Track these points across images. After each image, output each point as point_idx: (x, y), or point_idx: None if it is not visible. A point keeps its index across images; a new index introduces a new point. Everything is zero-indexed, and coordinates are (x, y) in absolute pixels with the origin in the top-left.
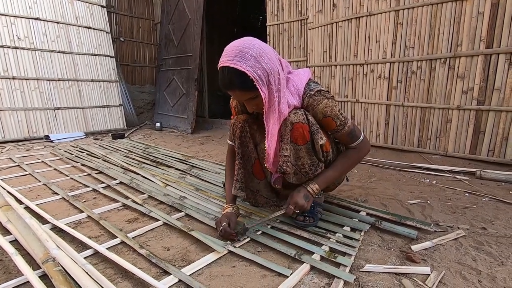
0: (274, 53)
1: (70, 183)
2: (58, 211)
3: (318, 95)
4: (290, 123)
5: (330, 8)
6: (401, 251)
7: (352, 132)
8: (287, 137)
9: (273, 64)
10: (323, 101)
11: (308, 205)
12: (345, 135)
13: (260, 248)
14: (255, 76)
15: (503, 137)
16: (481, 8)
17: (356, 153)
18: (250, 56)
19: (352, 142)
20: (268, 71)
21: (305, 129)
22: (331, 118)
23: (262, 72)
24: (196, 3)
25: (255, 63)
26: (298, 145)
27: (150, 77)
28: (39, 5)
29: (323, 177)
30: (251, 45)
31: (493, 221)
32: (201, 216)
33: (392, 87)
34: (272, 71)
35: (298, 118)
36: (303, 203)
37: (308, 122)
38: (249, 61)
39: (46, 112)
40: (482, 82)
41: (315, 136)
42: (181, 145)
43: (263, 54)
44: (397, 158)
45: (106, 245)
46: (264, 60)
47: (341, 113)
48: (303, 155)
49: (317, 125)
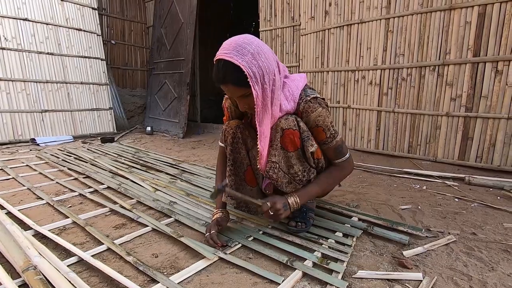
0: (272, 54)
1: (56, 187)
2: (41, 217)
3: (314, 102)
4: (281, 129)
5: (322, 15)
6: (393, 257)
7: (339, 147)
8: (277, 143)
9: (270, 64)
10: (318, 109)
11: (282, 215)
12: (332, 149)
13: (252, 254)
14: (250, 72)
15: (490, 144)
16: (468, 17)
17: (339, 172)
18: (248, 51)
19: (337, 158)
20: (263, 70)
21: (296, 135)
22: (322, 129)
23: (258, 69)
24: (189, 7)
25: (251, 59)
26: (288, 151)
27: (141, 80)
28: (28, 6)
29: (305, 192)
30: (250, 42)
31: (482, 226)
32: (191, 222)
33: (383, 93)
34: (268, 71)
35: (289, 125)
36: (280, 207)
37: (299, 128)
38: (246, 56)
39: (32, 114)
40: (470, 89)
41: (305, 143)
42: (172, 150)
43: (261, 52)
44: (388, 163)
45: (91, 252)
46: (261, 58)
47: (332, 125)
48: (295, 162)
49: (308, 132)
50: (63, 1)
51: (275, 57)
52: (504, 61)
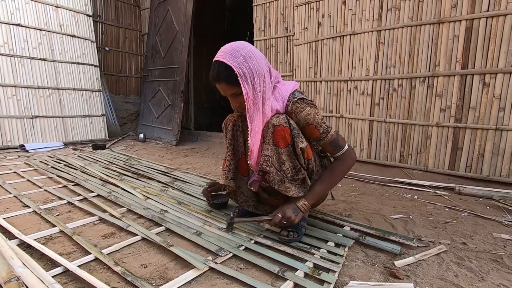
0: (265, 61)
1: (44, 195)
2: (28, 226)
3: (301, 102)
4: (272, 125)
5: (315, 26)
6: (384, 267)
7: (335, 140)
8: (269, 139)
9: (260, 67)
10: (306, 108)
11: (296, 219)
12: (328, 144)
13: (243, 264)
14: (240, 72)
15: (479, 154)
16: (456, 31)
17: (340, 165)
18: (240, 54)
19: (336, 151)
20: (254, 71)
21: (286, 132)
22: (313, 126)
23: (248, 70)
24: (185, 16)
25: (243, 61)
26: (280, 147)
27: (135, 87)
28: (21, 12)
29: (311, 193)
30: (244, 47)
31: (472, 236)
32: (182, 230)
33: (375, 103)
34: (258, 73)
35: (280, 122)
36: (290, 214)
37: (289, 125)
38: (238, 58)
39: (22, 120)
40: (459, 100)
41: (295, 139)
42: (165, 157)
43: (252, 56)
44: (380, 172)
45: (78, 262)
46: (252, 61)
47: (323, 121)
48: (286, 158)
49: (298, 130)
50: (58, 8)
51: (267, 63)
52: (491, 73)
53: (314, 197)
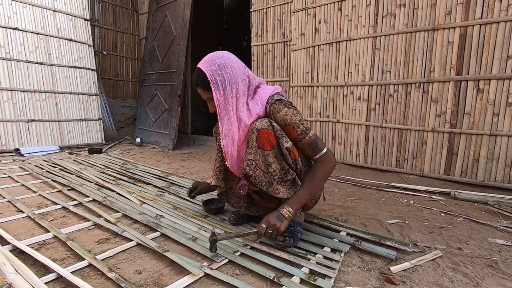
0: (243, 69)
1: (38, 200)
2: (21, 231)
3: (278, 103)
4: (256, 129)
5: (312, 32)
6: (380, 273)
7: (313, 142)
8: (253, 143)
9: (234, 76)
10: (283, 109)
11: (282, 226)
12: (307, 145)
13: (238, 270)
14: (212, 78)
15: (474, 159)
16: (451, 38)
17: (321, 167)
18: (215, 63)
19: (315, 154)
20: (226, 79)
21: (270, 134)
22: (291, 127)
23: (220, 78)
24: (182, 21)
25: (217, 69)
26: (265, 150)
27: (132, 91)
28: (18, 15)
29: (294, 199)
30: (221, 56)
31: (468, 241)
32: (177, 236)
33: (371, 108)
34: (231, 81)
35: (263, 125)
36: (275, 222)
37: (272, 128)
38: (213, 66)
39: (18, 124)
40: (454, 106)
41: (280, 140)
42: (161, 162)
43: (228, 65)
44: (376, 177)
45: (71, 269)
46: (226, 70)
47: (302, 122)
48: (272, 160)
49: (281, 131)
50: (55, 12)
51: (246, 71)
52: (485, 80)
53: (297, 202)
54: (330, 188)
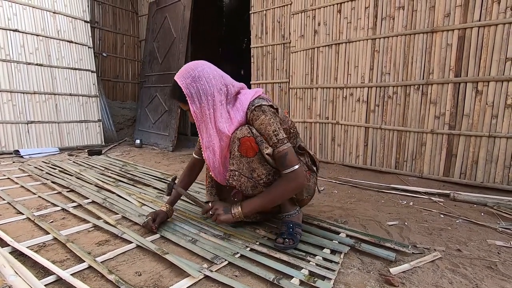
0: (219, 79)
1: (38, 201)
2: (20, 233)
3: (258, 110)
4: (237, 139)
5: (311, 34)
6: (380, 274)
7: (283, 157)
8: (235, 153)
9: (209, 87)
10: (260, 117)
11: (221, 218)
12: (277, 158)
13: (238, 272)
14: (187, 92)
15: (473, 161)
16: (449, 40)
17: (284, 183)
18: (189, 75)
19: (283, 168)
20: (201, 91)
21: (252, 141)
22: (265, 136)
23: (196, 91)
24: (182, 23)
25: (191, 82)
26: (249, 157)
27: (132, 93)
28: (18, 17)
29: (248, 202)
30: (195, 67)
31: (467, 242)
32: (177, 238)
33: (370, 110)
34: (206, 93)
35: (243, 133)
36: (220, 212)
37: (253, 134)
38: (187, 79)
39: (17, 125)
40: (453, 108)
41: (260, 147)
42: (161, 163)
43: (202, 77)
44: (376, 179)
45: (71, 271)
46: (200, 82)
47: (275, 134)
48: (257, 166)
49: (261, 137)
50: (55, 14)
51: (222, 81)
52: (483, 81)
53: (249, 207)
54: (329, 190)
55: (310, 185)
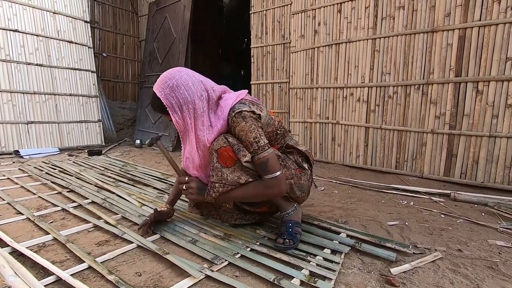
0: (199, 85)
1: (38, 202)
2: (20, 233)
3: (238, 116)
4: (215, 151)
5: (311, 34)
6: (381, 275)
7: (264, 163)
8: (214, 164)
9: (189, 95)
10: (240, 124)
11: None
12: (258, 164)
13: (238, 272)
14: (167, 103)
15: (473, 161)
16: (450, 40)
17: (264, 187)
18: (167, 86)
19: (263, 174)
20: (181, 101)
21: (229, 150)
22: (246, 143)
23: (176, 101)
24: (182, 23)
25: (170, 92)
26: (229, 167)
27: (132, 93)
28: (18, 17)
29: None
30: (172, 76)
31: (468, 243)
32: (177, 238)
33: (371, 110)
34: (186, 101)
35: (219, 144)
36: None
37: (229, 143)
38: (165, 90)
39: (17, 126)
40: (453, 108)
41: (238, 155)
42: (161, 163)
43: (181, 86)
44: (376, 179)
45: (71, 271)
46: (179, 91)
47: (256, 141)
48: (240, 173)
49: (238, 144)
50: (55, 14)
51: (204, 86)
52: (484, 81)
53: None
54: (329, 190)
55: (301, 183)
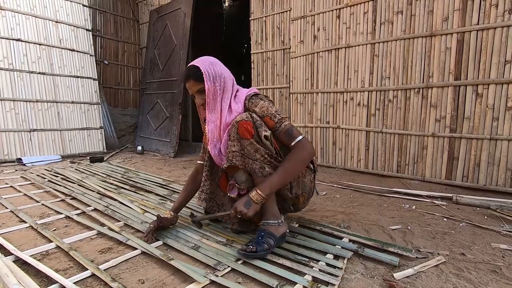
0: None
1: (40, 209)
2: (24, 241)
3: (255, 98)
4: (236, 122)
5: (311, 39)
6: (384, 280)
7: (289, 130)
8: (234, 135)
9: (223, 72)
10: (260, 102)
11: (249, 212)
12: (283, 134)
13: (241, 278)
14: (205, 70)
15: (475, 163)
16: (448, 44)
17: (296, 154)
18: (208, 61)
19: (290, 141)
20: (216, 73)
21: (249, 124)
22: (268, 117)
23: (212, 72)
24: (183, 30)
25: (209, 64)
26: (247, 139)
27: (133, 100)
28: (21, 27)
29: (265, 183)
30: (211, 58)
31: (471, 246)
32: (180, 245)
33: (371, 114)
34: (220, 74)
35: (242, 117)
36: (241, 208)
37: (252, 118)
38: (205, 63)
39: (20, 134)
40: (453, 111)
41: (259, 129)
42: (163, 169)
43: (218, 64)
44: (378, 183)
45: (74, 279)
46: (216, 67)
47: (278, 113)
48: (257, 147)
49: (260, 121)
50: (58, 23)
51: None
52: (483, 84)
53: (268, 187)
54: (331, 194)
55: (305, 181)
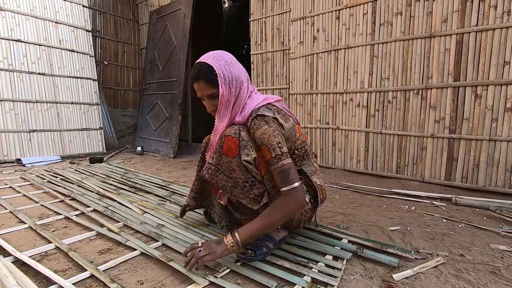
0: (244, 72)
1: (40, 210)
2: (23, 242)
3: (260, 119)
4: (224, 135)
5: (310, 40)
6: (383, 281)
7: (284, 172)
8: (218, 148)
9: (239, 74)
10: (263, 127)
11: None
12: (277, 172)
13: (240, 280)
14: (220, 73)
15: (474, 164)
16: (447, 45)
17: (283, 203)
18: (222, 59)
19: (282, 185)
20: (233, 76)
21: (234, 143)
22: (266, 148)
23: (228, 73)
24: (183, 31)
25: (224, 64)
26: (228, 157)
27: (133, 100)
28: (21, 28)
29: (245, 229)
30: (226, 54)
31: (470, 247)
32: (179, 246)
33: (370, 115)
34: (237, 77)
35: (230, 132)
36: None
37: (238, 137)
38: (220, 61)
39: (20, 134)
40: (453, 112)
41: (241, 151)
42: (162, 170)
43: (234, 63)
44: (377, 184)
45: (73, 280)
46: (233, 66)
47: (279, 146)
48: (235, 168)
49: (248, 142)
50: (58, 24)
51: (246, 75)
52: (482, 85)
53: (246, 234)
54: (331, 195)
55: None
